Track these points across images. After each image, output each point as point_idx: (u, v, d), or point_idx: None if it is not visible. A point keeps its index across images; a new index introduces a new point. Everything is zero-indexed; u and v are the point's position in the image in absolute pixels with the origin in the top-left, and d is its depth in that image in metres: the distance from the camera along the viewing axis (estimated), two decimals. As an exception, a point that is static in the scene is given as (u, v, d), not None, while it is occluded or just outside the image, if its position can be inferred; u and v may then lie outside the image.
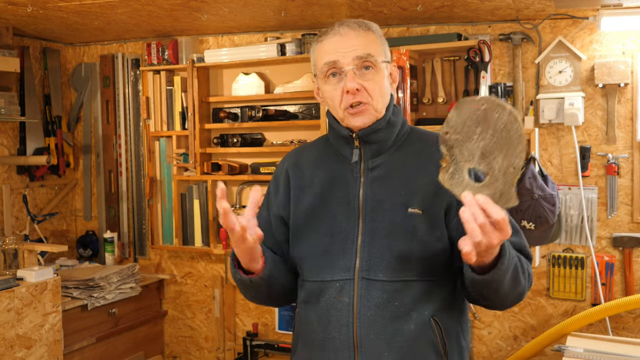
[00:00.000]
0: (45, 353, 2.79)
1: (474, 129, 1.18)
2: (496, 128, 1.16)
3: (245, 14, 2.94)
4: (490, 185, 1.18)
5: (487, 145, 1.17)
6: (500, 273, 1.24)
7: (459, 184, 1.21)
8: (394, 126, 1.47)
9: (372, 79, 1.41)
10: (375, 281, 1.38)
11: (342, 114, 1.43)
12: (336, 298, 1.41)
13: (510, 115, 1.15)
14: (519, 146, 1.15)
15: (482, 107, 1.16)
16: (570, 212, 2.87)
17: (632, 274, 2.79)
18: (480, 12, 2.77)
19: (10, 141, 3.48)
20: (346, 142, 1.48)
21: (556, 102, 2.81)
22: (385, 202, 1.42)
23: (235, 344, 3.57)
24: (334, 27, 1.44)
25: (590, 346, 2.44)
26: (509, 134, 1.15)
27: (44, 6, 2.73)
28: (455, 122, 1.19)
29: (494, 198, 1.16)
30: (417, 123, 2.98)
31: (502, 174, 1.17)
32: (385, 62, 1.45)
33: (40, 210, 3.67)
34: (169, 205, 3.58)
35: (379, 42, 1.45)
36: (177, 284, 3.70)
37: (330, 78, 1.43)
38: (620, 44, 2.75)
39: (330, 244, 1.43)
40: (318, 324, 1.44)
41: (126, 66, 3.71)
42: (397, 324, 1.37)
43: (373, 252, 1.39)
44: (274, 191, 1.57)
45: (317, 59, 1.46)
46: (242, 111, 3.30)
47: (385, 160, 1.46)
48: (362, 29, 1.43)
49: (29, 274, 2.76)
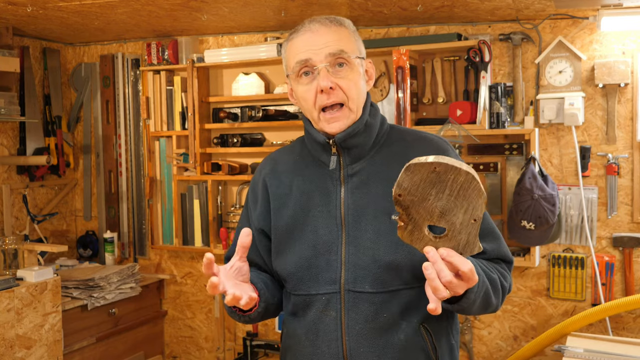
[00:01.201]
0: (45, 353, 2.79)
1: (429, 190, 1.12)
2: (453, 188, 1.11)
3: (245, 14, 2.94)
4: (453, 238, 1.14)
5: (445, 205, 1.12)
6: (468, 303, 1.23)
7: (419, 239, 1.16)
8: (372, 128, 1.41)
9: (347, 76, 1.35)
10: (362, 293, 1.34)
11: (316, 115, 1.37)
12: (323, 312, 1.37)
13: (466, 176, 1.10)
14: (479, 200, 1.11)
15: (435, 170, 1.10)
16: (570, 212, 2.87)
17: (632, 274, 2.78)
18: (480, 12, 2.77)
19: (10, 141, 3.48)
20: (323, 149, 1.41)
21: (556, 102, 2.81)
22: (367, 210, 1.36)
23: (235, 344, 3.57)
24: (304, 24, 1.38)
25: (590, 346, 2.44)
26: (466, 192, 1.11)
27: (44, 6, 2.73)
28: (409, 185, 1.13)
29: (458, 249, 1.14)
30: (417, 123, 2.98)
31: (464, 226, 1.13)
32: (360, 59, 1.39)
33: (40, 210, 3.67)
34: (169, 205, 3.58)
35: (352, 38, 1.38)
36: (177, 284, 3.70)
37: (302, 77, 1.37)
38: (620, 44, 2.75)
39: (313, 257, 1.38)
40: (306, 337, 1.40)
41: (126, 66, 3.71)
42: (386, 336, 1.34)
43: (358, 264, 1.34)
44: (253, 203, 1.51)
45: (289, 58, 1.40)
46: (242, 111, 3.30)
47: (365, 165, 1.40)
48: (334, 24, 1.37)
49: (29, 274, 2.77)
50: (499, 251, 1.41)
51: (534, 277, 2.97)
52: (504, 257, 1.43)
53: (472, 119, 2.82)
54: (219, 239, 3.43)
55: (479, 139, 2.84)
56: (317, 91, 1.34)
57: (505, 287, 1.39)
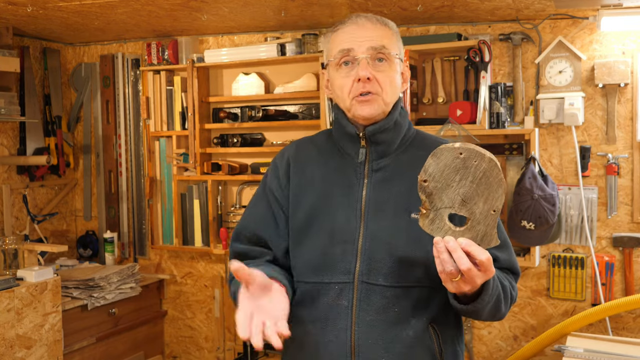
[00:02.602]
0: (45, 353, 2.79)
1: (453, 176, 1.17)
2: (475, 175, 1.16)
3: (245, 14, 2.94)
4: (472, 229, 1.18)
5: (467, 192, 1.17)
6: (482, 304, 1.26)
7: (439, 229, 1.20)
8: (400, 127, 1.45)
9: (384, 70, 1.39)
10: (375, 286, 1.36)
11: (349, 103, 1.40)
12: (335, 301, 1.38)
13: (489, 163, 1.15)
14: (499, 190, 1.16)
15: (460, 156, 1.16)
16: (570, 212, 2.87)
17: (632, 274, 2.78)
18: (480, 12, 2.77)
19: (10, 141, 3.48)
20: (351, 141, 1.45)
21: (556, 102, 2.81)
22: (388, 206, 1.39)
23: (235, 344, 3.57)
24: (351, 17, 1.44)
25: (590, 346, 2.44)
26: (488, 180, 1.16)
27: (44, 6, 2.73)
28: (434, 170, 1.18)
29: (476, 240, 1.18)
30: (417, 123, 2.98)
31: (483, 217, 1.17)
32: (399, 59, 1.44)
33: (40, 210, 3.67)
34: (169, 205, 3.58)
35: (394, 38, 1.44)
36: (177, 284, 3.70)
37: (342, 67, 1.41)
38: (620, 44, 2.75)
39: (329, 245, 1.40)
40: (313, 326, 1.41)
41: (126, 66, 3.71)
42: (395, 330, 1.36)
43: (374, 256, 1.36)
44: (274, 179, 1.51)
45: (332, 46, 1.44)
46: (242, 111, 3.30)
47: (390, 162, 1.43)
48: (379, 23, 1.43)
49: (29, 274, 2.77)
50: (509, 262, 1.43)
51: (534, 277, 2.97)
52: (513, 269, 1.45)
53: (472, 119, 2.82)
54: (219, 239, 3.43)
55: (479, 139, 2.84)
56: (354, 80, 1.38)
57: (513, 297, 1.41)
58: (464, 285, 1.19)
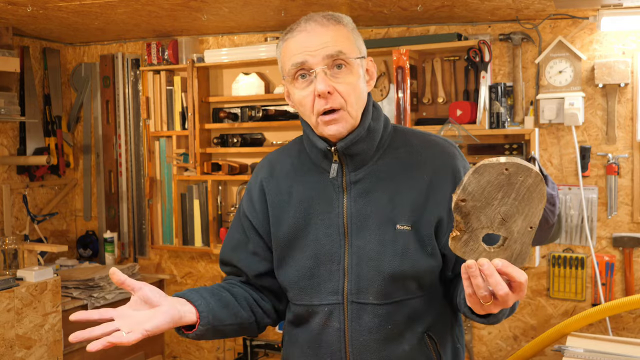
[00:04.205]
0: (45, 353, 2.79)
1: (495, 194, 1.07)
2: (519, 192, 1.07)
3: (245, 14, 2.94)
4: (508, 248, 1.10)
5: (508, 211, 1.08)
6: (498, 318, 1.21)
7: (473, 251, 1.11)
8: (375, 133, 1.34)
9: (345, 79, 1.27)
10: (366, 305, 1.30)
11: (314, 120, 1.30)
12: (326, 323, 1.34)
13: (536, 178, 1.06)
14: (540, 205, 1.07)
15: (506, 172, 1.06)
16: (570, 212, 2.87)
17: (632, 274, 2.78)
18: (480, 12, 2.77)
19: (10, 141, 3.48)
20: (324, 156, 1.35)
21: (556, 102, 2.81)
22: (371, 219, 1.31)
23: (235, 344, 3.57)
24: (299, 24, 1.30)
25: (590, 346, 2.44)
26: (531, 195, 1.07)
27: (44, 6, 2.73)
28: (474, 189, 1.07)
29: (511, 260, 1.09)
30: (417, 123, 2.98)
31: (520, 235, 1.09)
32: (360, 59, 1.31)
33: (40, 210, 3.67)
34: (169, 205, 3.58)
35: (351, 37, 1.30)
36: (177, 284, 3.70)
37: (298, 80, 1.29)
38: (620, 44, 2.75)
39: (315, 266, 1.34)
40: (308, 347, 1.37)
41: (126, 66, 3.71)
42: (391, 347, 1.32)
43: (362, 274, 1.30)
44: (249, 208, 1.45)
45: (284, 60, 1.32)
46: (242, 111, 3.30)
47: (369, 171, 1.34)
48: (332, 23, 1.29)
49: (29, 274, 2.76)
50: None
51: (534, 277, 2.97)
52: None
53: (472, 119, 2.82)
54: (219, 239, 3.43)
55: (479, 139, 2.84)
56: (314, 96, 1.27)
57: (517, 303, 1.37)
58: (495, 308, 1.10)
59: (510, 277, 1.05)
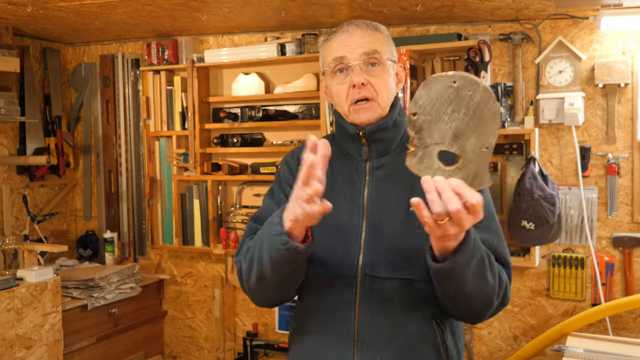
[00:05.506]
0: (45, 353, 2.79)
1: (445, 108, 1.09)
2: (469, 107, 1.07)
3: (245, 14, 2.94)
4: (463, 168, 1.10)
5: (459, 126, 1.08)
6: (463, 260, 1.21)
7: (428, 168, 1.12)
8: (399, 126, 1.49)
9: (378, 75, 1.44)
10: (379, 278, 1.38)
11: (347, 109, 1.45)
12: (338, 295, 1.41)
13: (484, 93, 1.06)
14: (493, 124, 1.07)
15: (453, 85, 1.07)
16: (570, 212, 2.87)
17: (632, 274, 2.78)
18: (480, 12, 2.77)
19: (10, 141, 3.48)
20: (352, 140, 1.49)
21: (556, 102, 2.81)
22: (389, 201, 1.43)
23: (235, 344, 3.57)
24: (342, 26, 1.49)
25: (590, 346, 2.44)
26: (482, 112, 1.07)
27: (44, 6, 2.73)
28: (425, 102, 1.09)
29: (467, 181, 1.10)
30: (417, 123, 2.98)
31: (475, 155, 1.09)
32: (392, 61, 1.48)
33: (40, 210, 3.67)
34: (169, 205, 3.58)
35: (385, 42, 1.48)
36: (177, 284, 3.70)
37: (337, 74, 1.46)
38: (620, 44, 2.75)
39: (333, 240, 1.43)
40: (318, 316, 1.44)
41: (126, 66, 3.71)
42: (398, 323, 1.38)
43: (377, 249, 1.40)
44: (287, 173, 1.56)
45: (326, 55, 1.50)
46: (242, 111, 3.30)
47: (390, 160, 1.47)
48: (370, 28, 1.47)
49: (29, 274, 2.77)
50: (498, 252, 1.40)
51: (534, 277, 2.97)
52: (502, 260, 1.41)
53: (472, 119, 2.82)
54: (219, 239, 3.43)
55: (479, 139, 2.84)
56: (350, 86, 1.43)
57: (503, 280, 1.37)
58: (451, 228, 1.12)
59: (463, 197, 1.09)
